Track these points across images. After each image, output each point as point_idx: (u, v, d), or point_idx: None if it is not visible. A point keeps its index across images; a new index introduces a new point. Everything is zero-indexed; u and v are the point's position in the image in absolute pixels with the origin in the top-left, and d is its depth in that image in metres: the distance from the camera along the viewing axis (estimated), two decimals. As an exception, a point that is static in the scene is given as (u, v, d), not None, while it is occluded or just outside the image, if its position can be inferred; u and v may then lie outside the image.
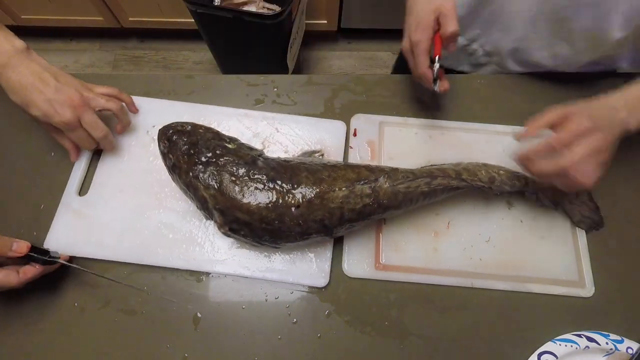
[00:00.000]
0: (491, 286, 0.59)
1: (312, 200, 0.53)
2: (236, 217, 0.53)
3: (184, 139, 0.56)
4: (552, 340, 0.56)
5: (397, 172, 0.57)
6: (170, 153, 0.56)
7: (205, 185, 0.53)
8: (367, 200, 0.55)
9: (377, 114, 0.71)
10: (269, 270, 0.59)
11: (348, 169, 0.57)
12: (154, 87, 0.72)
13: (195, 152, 0.55)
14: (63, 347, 0.56)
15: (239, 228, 0.54)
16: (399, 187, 0.56)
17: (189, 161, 0.55)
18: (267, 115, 0.70)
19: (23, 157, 0.67)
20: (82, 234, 0.60)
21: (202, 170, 0.54)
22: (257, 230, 0.54)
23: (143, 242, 0.60)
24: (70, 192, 0.63)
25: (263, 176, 0.54)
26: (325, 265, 0.60)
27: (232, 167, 0.54)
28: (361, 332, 0.57)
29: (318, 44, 1.96)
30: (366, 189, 0.55)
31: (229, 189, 0.53)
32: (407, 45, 0.60)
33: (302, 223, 0.53)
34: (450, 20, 0.56)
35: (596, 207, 0.64)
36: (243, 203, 0.53)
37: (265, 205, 0.53)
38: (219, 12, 1.33)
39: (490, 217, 0.64)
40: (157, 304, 0.58)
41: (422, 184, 0.57)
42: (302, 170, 0.56)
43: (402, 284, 0.60)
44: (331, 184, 0.55)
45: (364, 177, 0.56)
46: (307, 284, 0.59)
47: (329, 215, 0.54)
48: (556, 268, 0.61)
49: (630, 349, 0.55)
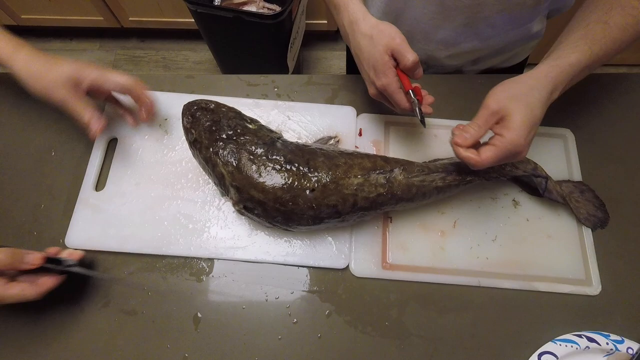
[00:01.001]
0: (498, 285, 0.59)
1: (327, 185, 0.54)
2: (251, 196, 0.54)
3: (207, 115, 0.58)
4: (553, 340, 0.56)
5: (413, 165, 0.58)
6: (193, 128, 0.57)
7: (224, 162, 0.55)
8: (381, 190, 0.55)
9: (381, 114, 0.71)
10: (290, 255, 0.60)
11: (365, 157, 0.58)
12: (154, 87, 0.72)
13: (217, 129, 0.56)
14: (63, 347, 0.56)
15: (252, 207, 0.55)
16: (413, 180, 0.57)
17: (210, 137, 0.56)
18: (278, 103, 0.71)
19: (23, 157, 0.67)
20: (102, 228, 0.61)
21: (222, 147, 0.55)
22: (271, 211, 0.54)
23: (163, 233, 0.61)
24: (87, 187, 0.63)
25: (281, 157, 0.55)
26: (345, 247, 0.61)
27: (251, 146, 0.55)
28: (361, 332, 0.57)
29: (318, 44, 1.95)
30: (381, 179, 0.56)
31: (247, 167, 0.54)
32: (375, 91, 0.58)
33: (315, 207, 0.54)
34: (405, 51, 0.53)
35: (602, 204, 0.64)
36: (259, 182, 0.53)
37: (281, 186, 0.53)
38: (219, 12, 1.33)
39: (496, 216, 0.64)
40: (157, 304, 0.58)
41: (437, 178, 0.57)
42: (319, 155, 0.56)
43: (403, 284, 0.60)
44: (347, 170, 0.55)
45: (380, 167, 0.57)
46: (328, 266, 0.60)
47: (342, 201, 0.54)
48: (563, 266, 0.61)
49: (630, 349, 0.55)
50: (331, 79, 0.75)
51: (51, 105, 0.57)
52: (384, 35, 0.54)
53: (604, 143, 0.70)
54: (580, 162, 0.68)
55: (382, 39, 0.54)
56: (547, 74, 0.52)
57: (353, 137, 0.68)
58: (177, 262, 0.60)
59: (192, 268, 0.60)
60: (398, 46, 0.53)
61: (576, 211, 0.63)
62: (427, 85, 0.74)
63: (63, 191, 0.64)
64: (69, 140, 0.68)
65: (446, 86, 0.75)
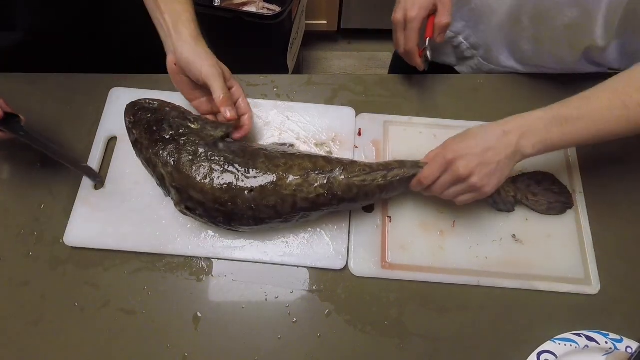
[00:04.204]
0: (497, 284, 0.60)
1: (266, 186, 0.54)
2: (190, 196, 0.54)
3: (148, 115, 0.58)
4: (552, 339, 0.56)
5: (355, 165, 0.58)
6: (134, 128, 0.58)
7: (164, 163, 0.55)
8: (321, 191, 0.55)
9: (381, 114, 0.71)
10: (287, 255, 0.60)
11: (306, 158, 0.58)
12: (154, 87, 0.72)
13: (157, 129, 0.56)
14: (63, 347, 0.56)
15: (194, 207, 0.55)
16: (354, 180, 0.56)
17: (151, 138, 0.56)
18: (277, 103, 0.71)
19: (23, 156, 0.67)
20: (101, 226, 0.61)
21: (162, 148, 0.55)
22: (211, 211, 0.55)
23: (162, 232, 0.61)
24: (87, 187, 0.63)
25: (221, 158, 0.55)
26: (342, 247, 0.61)
27: (192, 146, 0.55)
28: (361, 332, 0.57)
29: (318, 44, 1.96)
30: (321, 179, 0.55)
31: (186, 167, 0.54)
32: (401, 18, 0.62)
33: (254, 207, 0.54)
34: (447, 10, 0.59)
35: (562, 187, 0.64)
36: (197, 182, 0.54)
37: (220, 187, 0.54)
38: (219, 12, 1.33)
39: (495, 215, 0.64)
40: (157, 304, 0.58)
41: (378, 177, 0.57)
42: (261, 156, 0.56)
43: (403, 283, 0.60)
44: (286, 171, 0.55)
45: (320, 167, 0.56)
46: (325, 267, 0.60)
47: (282, 202, 0.54)
48: (562, 266, 0.61)
49: (629, 348, 0.55)
50: (331, 79, 0.75)
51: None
52: None
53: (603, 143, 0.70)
54: (579, 162, 0.68)
55: None
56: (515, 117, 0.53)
57: (352, 137, 0.68)
58: (177, 261, 0.60)
59: (192, 268, 0.60)
60: (445, 3, 0.59)
61: (534, 206, 0.63)
62: (427, 85, 0.75)
63: (63, 190, 0.64)
64: (69, 139, 0.68)
65: (446, 86, 0.75)
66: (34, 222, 0.62)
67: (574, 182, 0.66)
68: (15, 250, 0.60)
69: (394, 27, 0.64)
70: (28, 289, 0.58)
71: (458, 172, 0.51)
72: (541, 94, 0.73)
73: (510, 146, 0.51)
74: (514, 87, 0.75)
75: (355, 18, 1.78)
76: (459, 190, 0.53)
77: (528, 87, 0.74)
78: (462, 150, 0.52)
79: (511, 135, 0.51)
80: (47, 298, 0.58)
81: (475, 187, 0.52)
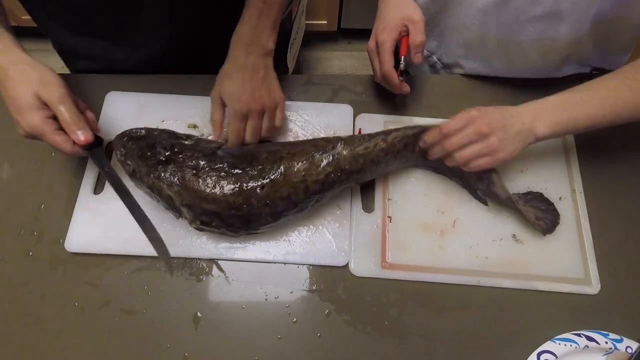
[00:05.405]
0: (497, 284, 0.60)
1: (276, 179, 0.54)
2: (204, 209, 0.54)
3: (139, 143, 0.57)
4: (552, 339, 0.56)
5: (354, 137, 0.59)
6: (128, 159, 0.57)
7: (169, 184, 0.54)
8: (329, 169, 0.56)
9: (380, 114, 0.71)
10: (290, 253, 0.60)
11: (306, 143, 0.59)
12: (154, 87, 0.72)
13: (153, 153, 0.56)
14: (63, 347, 0.56)
15: (209, 220, 0.54)
16: (357, 149, 0.57)
17: (149, 163, 0.55)
18: None
19: (24, 157, 0.67)
20: (102, 231, 0.61)
21: (163, 170, 0.55)
22: (228, 218, 0.54)
23: (164, 235, 0.60)
24: (86, 191, 0.63)
25: (224, 164, 0.55)
26: (345, 244, 0.61)
27: (192, 161, 0.55)
28: (361, 332, 0.57)
29: (318, 44, 1.95)
30: (326, 158, 0.56)
31: (192, 182, 0.54)
32: (373, 44, 0.62)
33: (269, 202, 0.54)
34: (419, 29, 0.59)
35: (549, 205, 0.63)
36: (208, 193, 0.53)
37: (231, 192, 0.53)
38: (218, 13, 1.33)
39: (495, 215, 0.64)
40: (157, 304, 0.58)
41: (379, 140, 0.58)
42: (262, 153, 0.57)
43: (403, 283, 0.60)
44: (291, 159, 0.56)
45: (322, 147, 0.57)
46: (328, 264, 0.60)
47: (294, 190, 0.55)
48: (562, 266, 0.61)
49: (629, 348, 0.55)
50: (331, 79, 0.75)
51: None
52: (410, 6, 0.61)
53: (603, 143, 0.70)
54: (579, 162, 0.68)
55: (407, 9, 0.61)
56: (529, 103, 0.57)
57: (350, 133, 0.68)
58: (177, 262, 0.60)
59: (192, 268, 0.60)
60: (416, 21, 0.60)
61: (526, 214, 0.61)
62: (427, 85, 0.75)
63: (63, 191, 0.64)
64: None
65: (446, 86, 0.75)
66: (34, 222, 0.62)
67: (574, 182, 0.66)
68: (15, 250, 0.60)
69: (369, 56, 0.64)
70: (28, 289, 0.58)
71: (480, 127, 0.53)
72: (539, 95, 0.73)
73: (526, 124, 0.54)
74: (513, 88, 0.74)
75: (355, 18, 1.78)
76: (475, 150, 0.54)
77: (528, 88, 0.74)
78: (486, 112, 0.55)
79: (526, 115, 0.55)
80: (47, 298, 0.58)
81: (492, 148, 0.53)
